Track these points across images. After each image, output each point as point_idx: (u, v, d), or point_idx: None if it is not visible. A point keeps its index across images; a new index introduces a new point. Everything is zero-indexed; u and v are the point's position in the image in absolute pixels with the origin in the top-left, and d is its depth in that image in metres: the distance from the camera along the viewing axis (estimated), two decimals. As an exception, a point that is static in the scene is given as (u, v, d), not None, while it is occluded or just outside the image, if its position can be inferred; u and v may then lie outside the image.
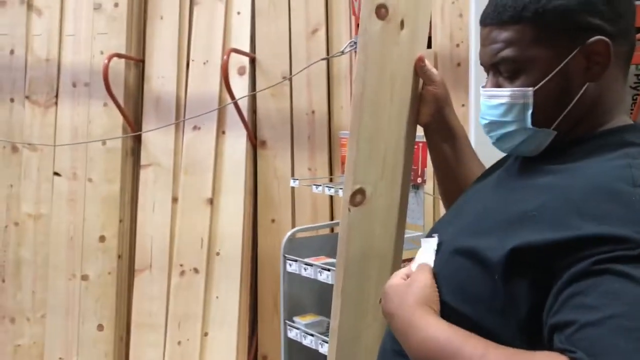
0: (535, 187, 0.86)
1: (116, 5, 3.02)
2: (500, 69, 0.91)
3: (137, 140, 3.03)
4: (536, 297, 0.77)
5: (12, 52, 3.09)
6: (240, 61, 2.93)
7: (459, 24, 2.64)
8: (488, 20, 0.92)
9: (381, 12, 1.11)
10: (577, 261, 0.73)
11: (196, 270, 2.86)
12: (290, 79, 2.91)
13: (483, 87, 0.97)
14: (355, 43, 1.41)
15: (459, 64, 2.62)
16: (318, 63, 2.85)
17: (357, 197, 1.13)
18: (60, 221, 2.98)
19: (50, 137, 3.01)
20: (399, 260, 1.25)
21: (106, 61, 2.76)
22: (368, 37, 1.10)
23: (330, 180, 2.76)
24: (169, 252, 2.90)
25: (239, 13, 2.99)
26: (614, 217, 0.74)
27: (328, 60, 2.88)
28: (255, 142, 2.95)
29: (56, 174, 3.00)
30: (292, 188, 2.82)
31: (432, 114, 1.20)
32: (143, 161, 2.99)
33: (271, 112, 2.95)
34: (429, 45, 2.77)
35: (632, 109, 3.36)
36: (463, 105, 2.49)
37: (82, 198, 2.98)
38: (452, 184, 1.22)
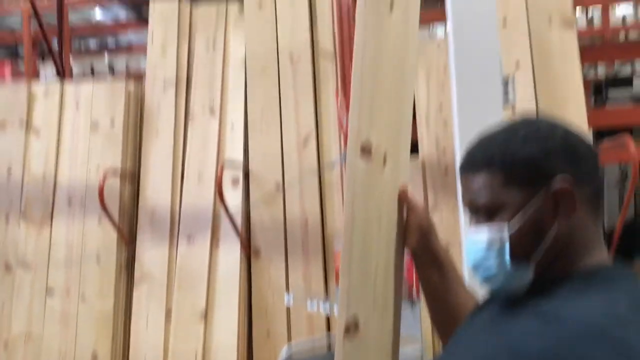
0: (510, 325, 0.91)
1: (112, 123, 3.12)
2: (478, 212, 0.99)
3: (132, 254, 3.03)
4: None
5: (9, 171, 3.15)
6: (233, 173, 2.99)
7: (444, 132, 2.72)
8: (463, 169, 1.02)
9: (365, 151, 1.16)
10: None
11: (191, 388, 2.77)
12: (284, 188, 2.96)
13: (466, 225, 1.05)
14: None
15: (446, 170, 2.67)
16: (310, 171, 2.91)
17: (351, 329, 1.14)
18: (52, 340, 2.92)
19: (44, 255, 3.01)
20: None
21: (102, 178, 2.81)
22: (354, 175, 1.15)
23: (326, 290, 2.73)
24: (162, 369, 2.82)
25: (232, 127, 3.08)
26: None
27: (320, 169, 2.94)
28: (249, 252, 2.95)
29: (49, 291, 2.98)
30: (288, 298, 2.78)
31: (417, 241, 1.23)
32: (137, 276, 2.97)
33: (265, 221, 2.97)
34: (416, 149, 2.85)
35: (620, 205, 3.42)
36: (453, 209, 2.52)
37: (74, 315, 2.94)
38: (442, 314, 1.24)
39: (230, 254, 2.91)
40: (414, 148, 2.91)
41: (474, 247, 0.99)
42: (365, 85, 1.19)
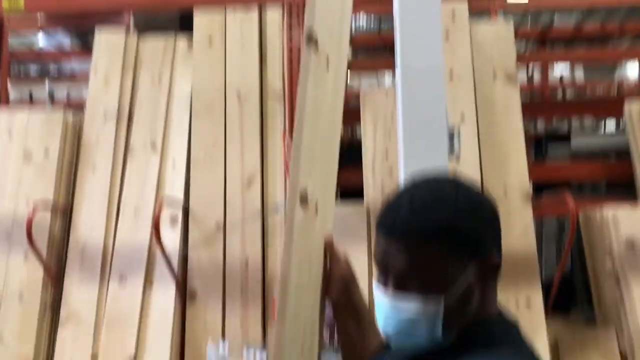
0: None
1: (46, 153, 2.97)
2: (407, 279, 0.97)
3: (59, 294, 2.85)
4: None
5: None
6: (172, 211, 2.88)
7: (390, 179, 2.72)
8: (398, 234, 0.98)
9: (303, 200, 1.20)
10: None
11: None
12: (225, 229, 2.87)
13: (378, 281, 1.03)
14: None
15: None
16: (253, 212, 2.84)
17: None
18: (-37, 385, 2.69)
19: (-39, 291, 2.80)
20: None
21: (31, 212, 2.66)
22: (293, 224, 1.17)
23: (264, 338, 2.63)
24: (84, 419, 2.64)
25: (174, 164, 2.99)
26: None
27: (263, 211, 2.88)
28: (184, 294, 2.83)
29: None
30: (223, 345, 2.67)
31: (339, 292, 1.25)
32: (62, 316, 2.79)
33: (203, 261, 2.87)
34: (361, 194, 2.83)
35: (557, 258, 3.49)
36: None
37: (-10, 358, 2.72)
38: (354, 357, 1.26)
39: (165, 295, 2.79)
40: (360, 193, 2.89)
41: (396, 313, 0.98)
42: (305, 135, 1.24)
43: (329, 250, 1.26)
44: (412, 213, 0.97)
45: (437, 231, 0.95)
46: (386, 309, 1.01)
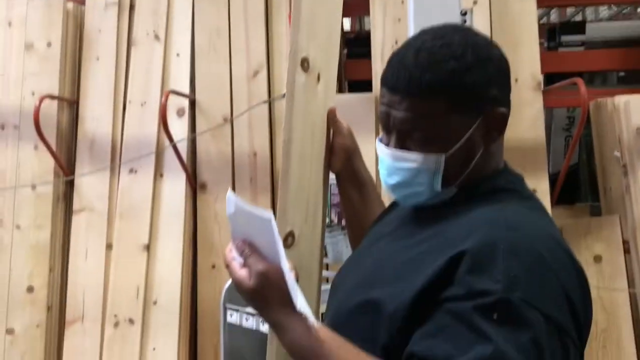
0: (425, 232, 0.96)
1: (49, 44, 2.92)
2: (411, 135, 0.95)
3: (70, 184, 2.90)
4: None
5: None
6: (179, 103, 2.87)
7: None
8: (401, 89, 0.94)
9: (305, 65, 1.17)
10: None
11: (131, 321, 2.71)
12: (232, 121, 2.86)
13: (380, 140, 1.02)
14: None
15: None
16: (260, 105, 2.82)
17: (288, 239, 1.16)
18: (-16, 271, 2.79)
19: (-25, 182, 2.84)
20: (319, 301, 1.29)
21: (37, 103, 2.65)
22: (295, 87, 1.16)
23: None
24: (102, 302, 2.75)
25: (178, 54, 2.94)
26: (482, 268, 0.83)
27: (270, 102, 2.85)
28: (194, 185, 2.86)
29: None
30: (233, 233, 2.73)
31: (341, 163, 1.26)
32: (76, 206, 2.85)
33: (211, 154, 2.88)
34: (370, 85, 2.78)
35: (565, 151, 3.48)
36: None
37: (9, 246, 2.81)
38: (359, 230, 1.29)
39: (175, 186, 2.82)
40: (369, 87, 2.85)
41: (399, 170, 0.98)
42: (305, 3, 1.20)
43: (332, 122, 1.25)
44: (415, 66, 0.93)
45: (440, 85, 0.91)
46: (388, 164, 1.00)
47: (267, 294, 0.89)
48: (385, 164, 1.00)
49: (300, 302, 0.89)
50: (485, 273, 0.82)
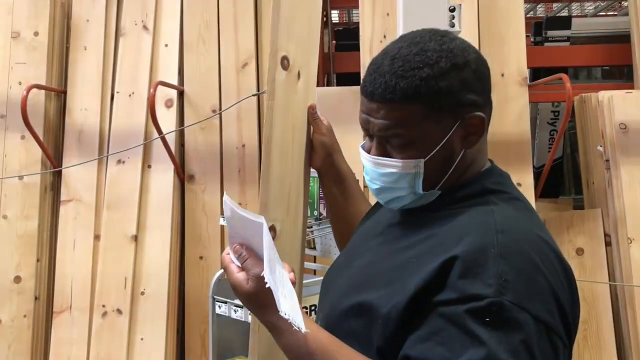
0: (415, 235, 0.98)
1: (36, 34, 2.90)
2: (390, 141, 0.98)
3: (57, 175, 2.89)
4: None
5: None
6: (167, 94, 2.87)
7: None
8: (377, 97, 0.96)
9: (284, 63, 1.19)
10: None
11: (119, 311, 2.72)
12: (220, 113, 2.87)
13: (363, 147, 1.04)
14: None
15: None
16: (249, 95, 2.83)
17: (270, 234, 1.16)
18: (-29, 261, 2.78)
19: (-39, 172, 2.83)
20: (300, 292, 1.32)
21: (25, 92, 2.63)
22: (276, 85, 1.18)
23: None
24: (90, 293, 2.76)
25: (166, 45, 2.93)
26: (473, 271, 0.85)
27: (259, 95, 2.86)
28: (182, 177, 2.87)
29: (-33, 211, 2.81)
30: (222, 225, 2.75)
31: (321, 159, 1.28)
32: (63, 197, 2.85)
33: (200, 145, 2.89)
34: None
35: (550, 145, 3.53)
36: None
37: (-5, 236, 2.80)
38: (342, 225, 1.32)
39: (163, 177, 2.83)
40: (357, 79, 2.86)
41: (381, 176, 1.00)
42: (285, 1, 1.22)
43: (311, 118, 1.27)
44: (391, 74, 0.94)
45: (415, 92, 0.93)
46: (369, 170, 1.02)
47: (263, 297, 0.91)
48: (368, 170, 1.03)
49: (285, 307, 0.89)
50: (477, 277, 0.84)
